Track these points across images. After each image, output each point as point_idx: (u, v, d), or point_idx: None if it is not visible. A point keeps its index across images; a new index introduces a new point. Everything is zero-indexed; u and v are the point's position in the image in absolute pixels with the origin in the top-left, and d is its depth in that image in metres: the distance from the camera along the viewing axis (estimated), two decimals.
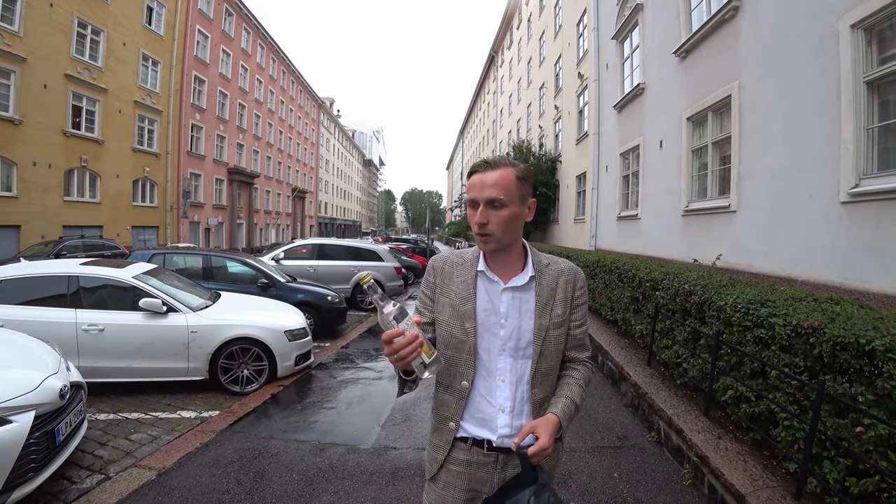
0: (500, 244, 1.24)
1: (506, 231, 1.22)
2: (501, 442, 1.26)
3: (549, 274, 1.31)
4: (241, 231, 30.82)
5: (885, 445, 1.98)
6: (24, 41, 15.02)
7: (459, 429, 1.29)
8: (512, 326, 1.27)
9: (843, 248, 4.45)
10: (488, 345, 1.27)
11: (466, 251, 1.38)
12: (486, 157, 1.29)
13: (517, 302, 1.28)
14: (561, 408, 1.24)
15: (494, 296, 1.28)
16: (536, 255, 1.34)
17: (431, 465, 1.34)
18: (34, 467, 2.64)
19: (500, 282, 1.28)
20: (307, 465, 3.27)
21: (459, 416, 1.29)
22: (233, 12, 29.08)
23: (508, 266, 1.30)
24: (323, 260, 10.83)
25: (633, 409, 4.24)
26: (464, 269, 1.32)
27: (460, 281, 1.31)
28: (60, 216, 16.81)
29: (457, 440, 1.30)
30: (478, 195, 1.21)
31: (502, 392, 1.26)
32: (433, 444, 1.35)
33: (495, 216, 1.20)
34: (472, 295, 1.28)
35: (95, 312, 4.63)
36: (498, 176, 1.20)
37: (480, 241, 1.24)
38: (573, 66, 15.51)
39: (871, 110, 4.26)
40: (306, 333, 5.53)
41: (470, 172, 1.27)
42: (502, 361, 1.27)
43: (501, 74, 32.49)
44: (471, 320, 1.27)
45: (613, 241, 11.62)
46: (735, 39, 6.47)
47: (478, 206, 1.21)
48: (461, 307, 1.28)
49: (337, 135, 60.94)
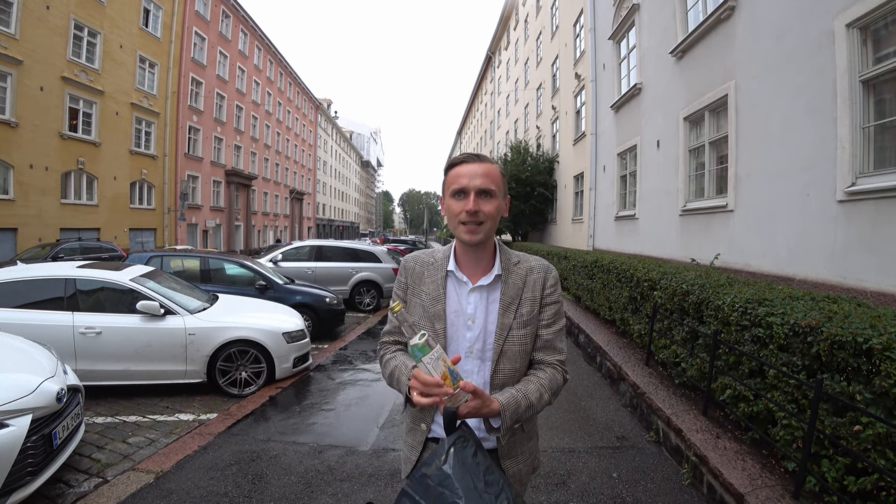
0: (486, 235, 1.21)
1: (493, 222, 1.21)
2: None
3: (516, 272, 1.28)
4: (238, 233, 30.77)
5: (884, 444, 1.98)
6: (20, 43, 14.98)
7: (430, 430, 1.30)
8: (479, 328, 1.25)
9: (840, 246, 4.46)
10: (457, 346, 1.25)
11: (437, 250, 1.36)
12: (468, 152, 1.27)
13: (484, 302, 1.26)
14: (507, 396, 1.15)
15: (462, 296, 1.26)
16: (506, 252, 1.32)
17: (406, 464, 1.35)
18: (31, 471, 2.62)
19: (469, 282, 1.26)
20: (305, 467, 3.26)
21: (431, 418, 1.29)
22: (230, 14, 29.05)
23: (479, 265, 1.28)
24: (321, 261, 10.82)
25: (632, 409, 4.24)
26: (434, 269, 1.30)
27: (430, 281, 1.29)
28: (57, 219, 16.76)
29: (428, 440, 1.30)
30: (468, 183, 1.18)
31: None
32: (408, 443, 1.35)
33: (486, 205, 1.19)
34: (442, 296, 1.26)
35: (92, 315, 4.62)
36: (487, 168, 1.21)
37: (468, 230, 1.20)
38: (570, 66, 15.54)
39: (867, 109, 4.27)
40: (304, 335, 5.51)
41: (452, 164, 1.24)
42: (469, 363, 1.25)
43: (499, 75, 32.51)
44: (441, 321, 1.25)
45: (611, 241, 11.64)
46: (731, 39, 6.48)
47: (467, 195, 1.18)
48: (431, 308, 1.26)
49: (334, 136, 60.91)
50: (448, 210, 1.24)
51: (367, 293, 10.86)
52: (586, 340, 6.09)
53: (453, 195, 1.22)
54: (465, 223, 1.19)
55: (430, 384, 1.05)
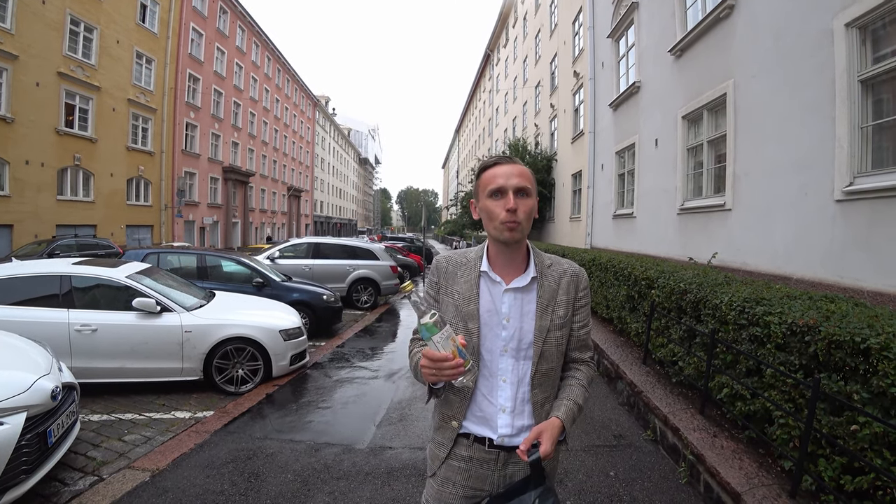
0: (523, 234, 1.24)
1: (529, 221, 1.24)
2: (502, 441, 1.26)
3: (551, 275, 1.31)
4: (236, 230, 30.68)
5: (880, 443, 1.98)
6: (15, 38, 14.87)
7: (462, 427, 1.31)
8: (514, 327, 1.27)
9: (838, 246, 4.47)
10: (491, 345, 1.27)
11: (469, 251, 1.38)
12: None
13: (519, 303, 1.28)
14: (564, 411, 1.25)
15: (497, 296, 1.28)
16: (539, 255, 1.34)
17: (433, 461, 1.35)
18: (26, 469, 2.60)
19: (503, 282, 1.28)
20: (302, 465, 3.25)
21: (462, 415, 1.30)
22: (227, 10, 28.90)
23: (512, 266, 1.29)
24: (318, 259, 10.80)
25: (629, 408, 4.24)
26: (467, 270, 1.32)
27: (464, 281, 1.31)
28: (53, 215, 16.67)
29: (459, 436, 1.31)
30: (506, 183, 1.21)
31: (503, 392, 1.27)
32: (436, 441, 1.36)
33: (523, 204, 1.21)
34: (476, 295, 1.28)
35: (88, 312, 4.59)
36: (521, 168, 1.24)
37: (507, 228, 1.21)
38: (569, 64, 15.51)
39: (866, 109, 4.27)
40: (301, 333, 5.50)
41: (486, 167, 1.28)
42: (504, 362, 1.27)
43: (497, 73, 32.46)
44: (474, 321, 1.27)
45: (609, 240, 11.64)
46: (730, 38, 6.48)
47: (505, 194, 1.21)
48: (465, 307, 1.28)
49: (332, 133, 60.76)
50: (485, 210, 1.26)
51: (365, 291, 10.85)
52: None
53: (490, 195, 1.24)
54: (505, 222, 1.21)
55: (438, 359, 1.09)
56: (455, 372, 1.10)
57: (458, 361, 1.09)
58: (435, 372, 1.11)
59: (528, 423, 1.28)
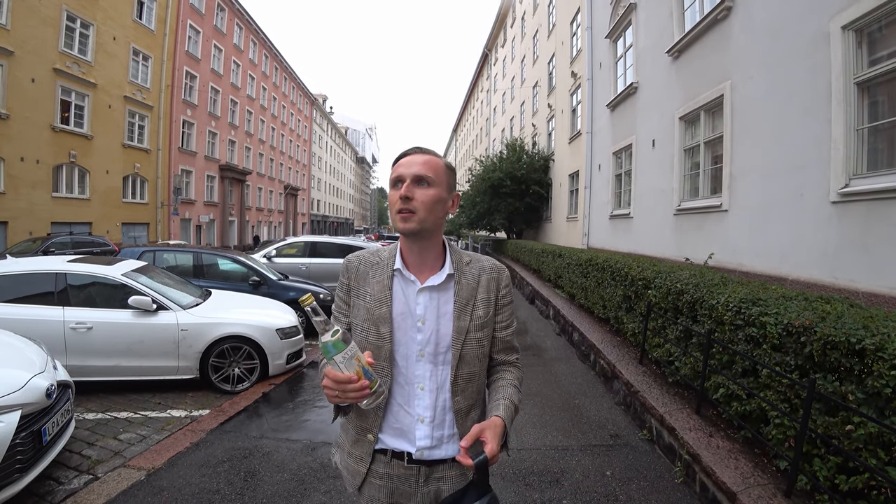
0: (421, 225, 1.14)
1: (429, 211, 1.14)
2: (421, 454, 1.18)
3: (469, 272, 1.24)
4: (232, 228, 30.59)
5: (875, 443, 1.99)
6: (11, 34, 14.77)
7: (378, 441, 1.21)
8: (430, 329, 1.18)
9: (833, 247, 4.49)
10: (405, 350, 1.19)
11: (383, 249, 1.29)
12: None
13: (435, 303, 1.19)
14: (503, 410, 1.16)
15: (411, 297, 1.20)
16: (456, 252, 1.27)
17: (354, 477, 1.24)
18: (20, 468, 2.59)
19: (417, 281, 1.19)
20: (299, 464, 3.24)
21: (378, 427, 1.20)
22: (225, 7, 28.79)
23: (427, 264, 1.21)
24: (315, 258, 10.78)
25: (626, 408, 4.25)
26: (379, 270, 1.23)
27: (376, 282, 1.22)
28: (48, 212, 16.57)
29: (376, 452, 1.22)
30: (405, 171, 1.14)
31: (421, 401, 1.18)
32: (354, 455, 1.25)
33: (421, 193, 1.13)
34: (388, 297, 1.19)
35: (83, 310, 4.57)
36: (428, 158, 1.17)
37: (400, 218, 1.13)
38: (567, 64, 15.54)
39: (861, 111, 4.30)
40: (298, 332, 5.49)
41: (398, 158, 1.21)
42: (421, 368, 1.18)
43: (495, 72, 32.47)
44: (386, 325, 1.18)
45: (606, 240, 11.67)
46: (727, 39, 6.50)
47: (403, 183, 1.14)
48: (376, 310, 1.19)
49: (330, 132, 60.62)
50: (389, 202, 1.19)
51: None
52: (580, 338, 6.11)
53: (392, 186, 1.18)
54: (399, 211, 1.14)
55: (342, 381, 0.99)
56: (360, 395, 1.01)
57: (363, 383, 0.99)
58: (338, 394, 1.01)
59: (449, 432, 1.19)
